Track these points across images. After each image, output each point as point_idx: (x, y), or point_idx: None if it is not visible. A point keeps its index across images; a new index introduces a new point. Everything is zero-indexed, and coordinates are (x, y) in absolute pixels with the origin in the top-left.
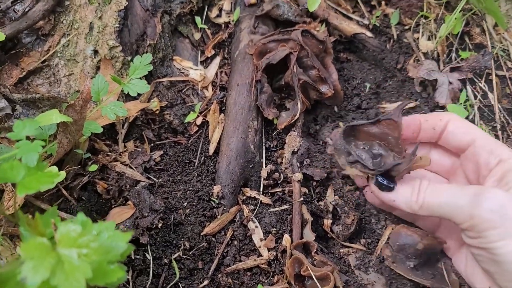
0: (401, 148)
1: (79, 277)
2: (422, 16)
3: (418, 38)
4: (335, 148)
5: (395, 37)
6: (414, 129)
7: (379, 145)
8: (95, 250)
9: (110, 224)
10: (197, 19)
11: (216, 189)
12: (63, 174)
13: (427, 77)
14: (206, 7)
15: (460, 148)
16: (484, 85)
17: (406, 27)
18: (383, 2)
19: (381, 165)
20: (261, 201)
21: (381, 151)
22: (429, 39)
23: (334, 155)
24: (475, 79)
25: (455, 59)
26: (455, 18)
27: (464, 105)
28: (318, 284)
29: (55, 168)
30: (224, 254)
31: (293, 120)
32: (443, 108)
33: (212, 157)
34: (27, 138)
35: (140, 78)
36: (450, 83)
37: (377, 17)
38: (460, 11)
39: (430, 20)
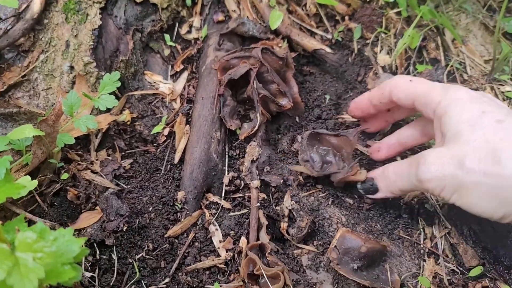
0: (350, 162)
1: (32, 277)
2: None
3: (377, 52)
4: (301, 145)
5: (356, 51)
6: (364, 109)
7: (333, 154)
8: (49, 254)
9: (68, 231)
10: (167, 36)
11: (180, 194)
12: (34, 183)
13: None
14: (177, 23)
15: (414, 110)
16: None
17: (368, 41)
18: (346, 17)
19: (324, 170)
20: (222, 205)
21: (332, 159)
22: (388, 53)
23: (298, 151)
24: None
25: (412, 73)
26: (409, 35)
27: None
28: (268, 282)
29: (27, 178)
30: (186, 254)
31: (253, 131)
32: None
33: (178, 165)
34: None
35: (109, 93)
36: None
37: (340, 31)
38: (417, 27)
39: (390, 36)
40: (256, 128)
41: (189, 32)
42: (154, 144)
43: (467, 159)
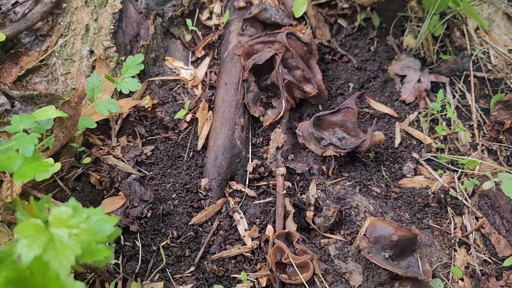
0: (357, 131)
1: (68, 254)
2: (405, 18)
3: (401, 37)
4: (304, 138)
5: (378, 38)
6: None
7: (340, 130)
8: (84, 231)
9: (99, 210)
10: (188, 21)
11: (204, 182)
12: (58, 165)
13: (399, 72)
14: (198, 10)
15: None
16: (462, 86)
17: (389, 31)
18: (368, 8)
19: (348, 144)
20: (246, 193)
21: (343, 134)
22: (414, 38)
23: (305, 143)
24: (454, 80)
25: (436, 62)
26: (430, 20)
27: (442, 103)
28: (297, 271)
29: (51, 160)
30: (210, 242)
31: (278, 118)
32: (408, 104)
33: (201, 152)
34: (24, 131)
35: (132, 76)
36: (420, 81)
37: (361, 19)
38: (440, 15)
39: (413, 24)
40: (281, 114)
41: (209, 18)
42: (175, 131)
43: None
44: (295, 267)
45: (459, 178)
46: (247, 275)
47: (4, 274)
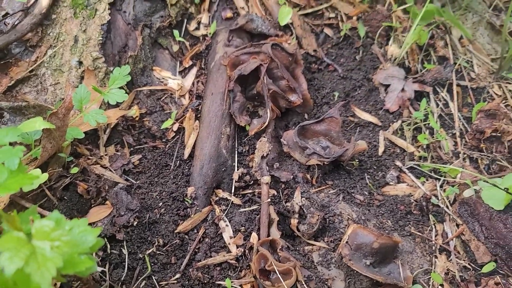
0: (341, 140)
1: (50, 266)
2: (390, 27)
3: (386, 46)
4: (288, 147)
5: (363, 49)
6: None
7: (324, 139)
8: (66, 243)
9: (82, 221)
10: (175, 32)
11: (190, 190)
12: (45, 176)
13: (383, 81)
14: (185, 20)
15: None
16: (445, 95)
17: (375, 41)
18: (354, 18)
19: (332, 153)
20: (232, 201)
21: (327, 143)
22: (399, 47)
23: (290, 152)
24: (437, 89)
25: (421, 71)
26: (414, 29)
27: (425, 112)
28: (280, 278)
29: (38, 171)
30: (196, 250)
31: (263, 127)
32: (392, 113)
33: (187, 161)
34: (10, 144)
35: (119, 87)
36: (403, 90)
37: (347, 29)
38: (425, 25)
39: (398, 34)
40: (266, 123)
41: (197, 28)
42: (163, 140)
43: None
44: (278, 274)
45: (441, 186)
46: (232, 282)
47: None
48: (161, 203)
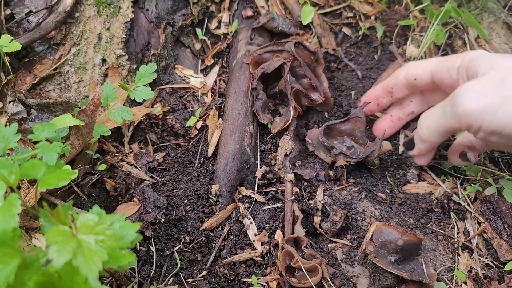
0: (365, 140)
1: (96, 260)
2: (408, 27)
3: (404, 47)
4: (313, 146)
5: (382, 48)
6: (377, 96)
7: (349, 139)
8: (110, 237)
9: (120, 216)
10: (198, 30)
11: (214, 188)
12: (76, 172)
13: None
14: (206, 19)
15: (430, 86)
16: None
17: (392, 40)
18: (372, 17)
19: (357, 153)
20: (255, 199)
21: (352, 143)
22: (417, 47)
23: (315, 151)
24: None
25: None
26: (433, 29)
27: None
28: (307, 275)
29: (68, 167)
30: (221, 247)
31: (286, 125)
32: None
33: (211, 159)
34: (47, 139)
35: (145, 85)
36: None
37: (365, 28)
38: (442, 25)
39: (416, 34)
40: (289, 121)
41: (218, 27)
42: (186, 137)
43: (509, 76)
44: (304, 271)
45: (461, 184)
46: (258, 279)
47: (34, 279)
48: (186, 201)
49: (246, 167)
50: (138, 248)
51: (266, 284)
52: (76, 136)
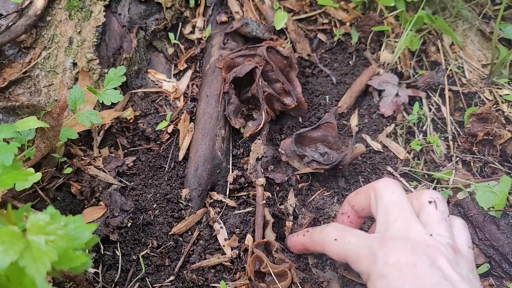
0: (338, 145)
1: (45, 260)
2: (383, 33)
3: (378, 53)
4: (287, 156)
5: (357, 54)
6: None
7: (322, 145)
8: (62, 237)
9: (77, 217)
10: (171, 35)
11: (185, 192)
12: (38, 175)
13: (377, 86)
14: (180, 24)
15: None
16: (438, 99)
17: (367, 46)
18: (347, 23)
19: (331, 159)
20: (227, 204)
21: (325, 149)
22: (392, 53)
23: (288, 161)
24: (430, 94)
25: (413, 76)
26: (406, 34)
27: (418, 115)
28: (276, 280)
29: (31, 170)
30: (190, 252)
31: (258, 129)
32: (386, 118)
33: (182, 163)
34: (5, 140)
35: (115, 88)
36: (398, 95)
37: (340, 34)
38: (416, 31)
39: (390, 40)
40: (261, 126)
41: (192, 32)
42: (157, 142)
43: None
44: (273, 276)
45: (434, 189)
46: (227, 284)
47: None
48: (155, 205)
49: (218, 172)
50: (103, 253)
51: None
52: (42, 139)
